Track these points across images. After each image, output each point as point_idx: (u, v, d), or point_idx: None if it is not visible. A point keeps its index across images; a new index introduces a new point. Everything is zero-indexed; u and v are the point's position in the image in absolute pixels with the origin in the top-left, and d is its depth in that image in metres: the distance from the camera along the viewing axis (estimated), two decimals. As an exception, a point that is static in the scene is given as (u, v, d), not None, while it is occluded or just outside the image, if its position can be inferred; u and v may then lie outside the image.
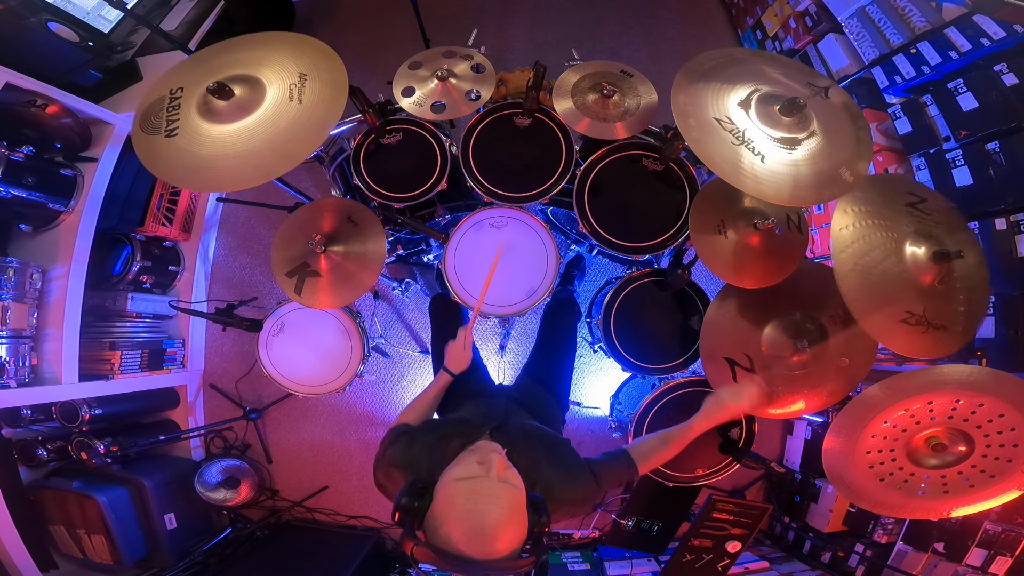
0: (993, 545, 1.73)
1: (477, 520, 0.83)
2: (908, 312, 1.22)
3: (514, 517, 0.87)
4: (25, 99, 1.95)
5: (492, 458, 0.92)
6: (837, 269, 1.21)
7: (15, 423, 2.11)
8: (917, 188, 1.37)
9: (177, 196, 2.54)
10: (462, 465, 0.93)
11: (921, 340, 1.23)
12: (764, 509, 1.78)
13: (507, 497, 0.87)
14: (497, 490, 0.87)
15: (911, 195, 1.34)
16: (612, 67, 1.67)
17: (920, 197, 1.33)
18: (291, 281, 1.58)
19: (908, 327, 1.22)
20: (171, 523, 2.24)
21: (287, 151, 1.20)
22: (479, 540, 0.83)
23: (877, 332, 1.23)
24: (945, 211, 1.35)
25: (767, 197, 1.16)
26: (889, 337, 1.22)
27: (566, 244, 2.10)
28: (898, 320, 1.22)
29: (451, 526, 0.84)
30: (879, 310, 1.22)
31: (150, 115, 1.28)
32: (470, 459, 0.93)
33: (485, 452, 0.95)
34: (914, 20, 1.96)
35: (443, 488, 0.89)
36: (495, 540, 0.83)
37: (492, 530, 0.83)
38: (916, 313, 1.23)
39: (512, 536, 0.86)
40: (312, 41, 1.35)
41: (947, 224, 1.32)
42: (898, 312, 1.22)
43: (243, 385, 2.65)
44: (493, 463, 0.91)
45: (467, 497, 0.86)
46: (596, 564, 2.22)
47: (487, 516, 0.84)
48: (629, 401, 2.11)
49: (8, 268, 1.90)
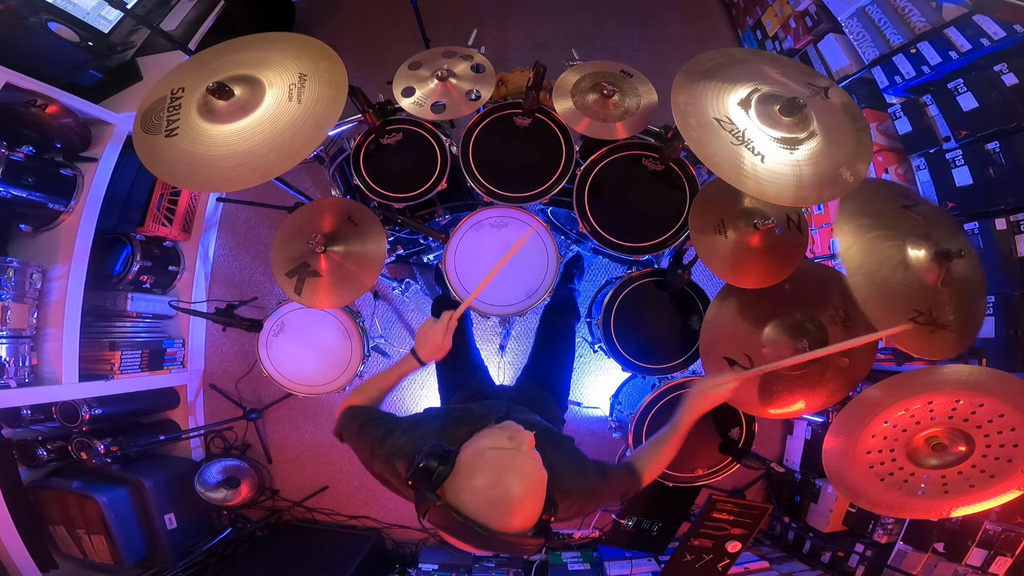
0: (993, 545, 1.73)
1: (502, 490, 0.83)
2: (916, 311, 1.22)
3: (535, 494, 0.87)
4: (25, 99, 1.95)
5: (523, 435, 0.92)
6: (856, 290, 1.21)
7: (15, 423, 2.11)
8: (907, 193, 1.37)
9: (177, 196, 2.54)
10: (492, 437, 0.92)
11: (929, 340, 1.24)
12: (764, 509, 1.78)
13: (534, 473, 0.88)
14: (525, 464, 0.87)
15: (904, 198, 1.34)
16: (612, 67, 1.67)
17: (913, 201, 1.34)
18: (291, 281, 1.58)
19: (917, 325, 1.22)
20: (171, 523, 2.24)
21: (287, 151, 1.20)
22: (500, 510, 0.82)
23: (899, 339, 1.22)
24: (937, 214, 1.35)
25: (768, 197, 1.16)
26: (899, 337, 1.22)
27: (566, 244, 2.10)
28: (907, 319, 1.22)
29: (474, 492, 0.84)
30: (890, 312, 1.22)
31: (151, 115, 1.28)
32: (500, 433, 0.93)
33: (515, 429, 0.94)
34: (914, 20, 1.96)
35: (471, 455, 0.88)
36: (514, 513, 0.83)
37: (515, 502, 0.83)
38: (923, 312, 1.22)
39: (529, 513, 0.86)
40: (312, 41, 1.35)
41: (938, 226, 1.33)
42: (906, 311, 1.22)
43: (243, 385, 2.65)
44: (524, 439, 0.91)
45: (496, 466, 0.85)
46: (596, 564, 2.22)
47: (513, 487, 0.83)
48: (629, 401, 2.11)
49: (8, 268, 1.90)
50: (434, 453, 0.87)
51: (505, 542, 0.83)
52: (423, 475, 0.86)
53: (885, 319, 1.20)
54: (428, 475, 0.85)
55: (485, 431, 0.97)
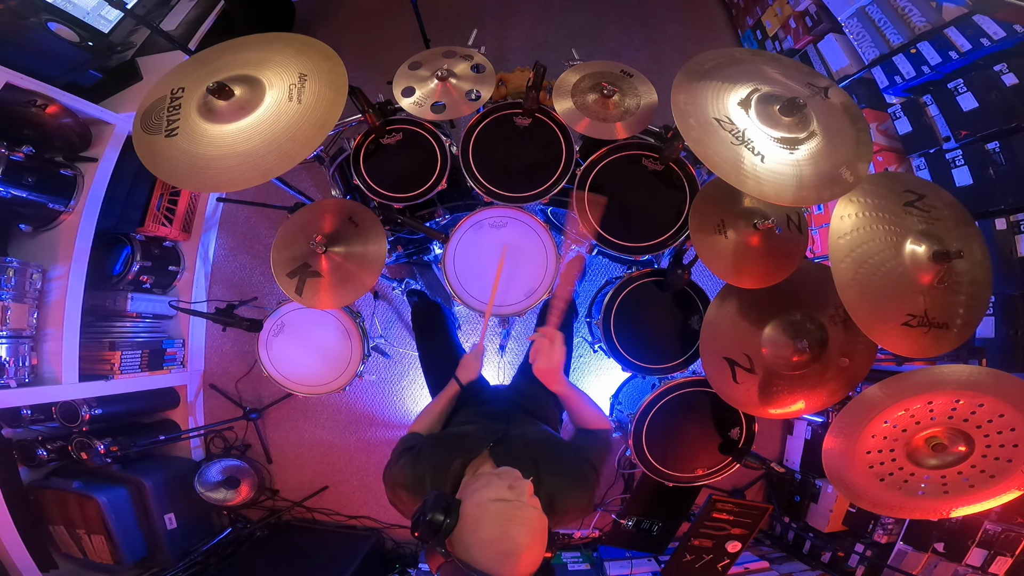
0: (993, 545, 1.73)
1: (510, 542, 0.86)
2: (910, 315, 1.23)
3: (540, 541, 0.90)
4: (25, 99, 1.95)
5: (522, 484, 0.94)
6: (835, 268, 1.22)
7: (15, 423, 2.11)
8: (915, 184, 1.37)
9: (177, 196, 2.54)
10: (493, 488, 0.94)
11: (923, 340, 1.24)
12: (764, 509, 1.78)
13: (537, 522, 0.91)
14: (529, 515, 0.90)
15: (910, 193, 1.34)
16: (612, 67, 1.67)
17: (918, 194, 1.33)
18: (292, 281, 1.58)
19: (910, 329, 1.22)
20: (171, 523, 2.24)
21: (287, 151, 1.20)
22: (509, 561, 0.85)
23: (881, 339, 1.23)
24: (947, 206, 1.34)
25: (768, 197, 1.16)
26: (892, 341, 1.23)
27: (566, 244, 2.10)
28: (900, 324, 1.22)
29: (483, 546, 0.86)
30: (882, 317, 1.23)
31: (151, 115, 1.28)
32: (500, 483, 0.94)
33: (514, 478, 0.97)
34: (914, 20, 1.96)
35: (474, 508, 0.90)
36: (521, 562, 0.86)
37: (522, 552, 0.86)
38: (918, 315, 1.23)
39: (535, 557, 0.89)
40: (312, 41, 1.35)
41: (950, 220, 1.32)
42: (900, 316, 1.23)
43: (243, 385, 2.65)
44: (524, 489, 0.93)
45: (501, 520, 0.88)
46: (596, 564, 2.22)
47: (519, 538, 0.86)
48: (629, 401, 2.11)
49: (8, 268, 1.89)
50: (438, 506, 0.89)
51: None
52: (430, 529, 0.88)
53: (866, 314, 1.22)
54: (435, 529, 0.87)
55: (484, 479, 0.98)
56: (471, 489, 0.95)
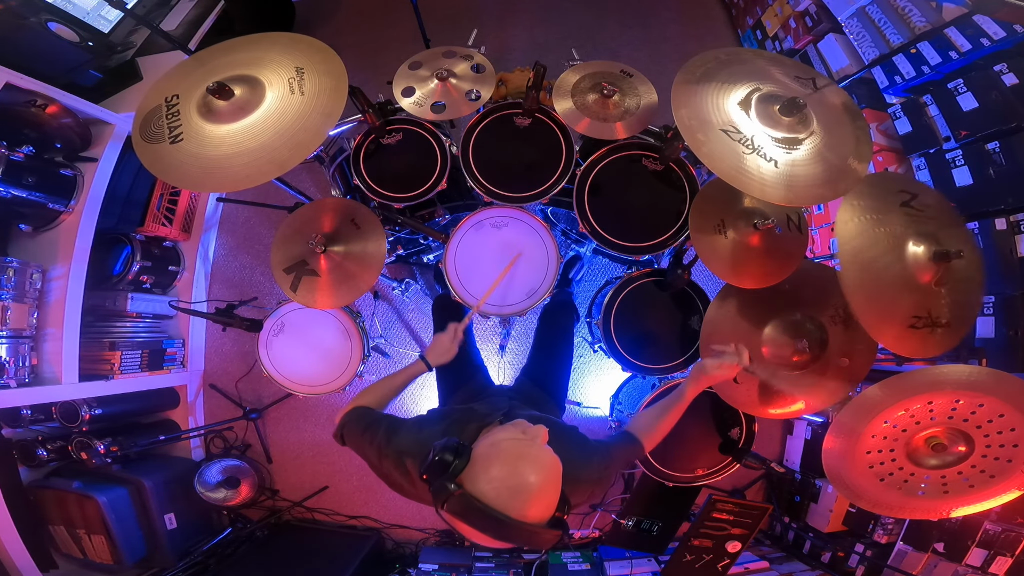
0: (993, 545, 1.73)
1: (520, 478, 0.84)
2: (915, 316, 1.23)
3: (552, 485, 0.87)
4: (25, 99, 1.95)
5: (536, 428, 0.93)
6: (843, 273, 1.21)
7: (15, 423, 2.11)
8: (908, 184, 1.37)
9: (177, 196, 2.54)
10: (507, 430, 0.93)
11: (928, 341, 1.24)
12: (764, 509, 1.78)
13: (550, 462, 0.88)
14: (542, 454, 0.88)
15: (904, 192, 1.34)
16: (612, 67, 1.67)
17: (912, 193, 1.33)
18: (288, 277, 1.58)
19: (915, 331, 1.23)
20: (171, 523, 2.24)
21: (299, 141, 1.22)
22: (518, 498, 0.83)
23: (890, 342, 1.23)
24: (937, 206, 1.35)
25: (768, 198, 1.16)
26: (900, 343, 1.23)
27: (566, 244, 2.10)
28: (907, 326, 1.22)
29: (492, 481, 0.84)
30: (889, 320, 1.23)
31: (149, 124, 1.29)
32: (513, 428, 0.93)
33: (526, 425, 0.95)
34: (914, 20, 1.96)
35: (487, 446, 0.89)
36: (532, 502, 0.84)
37: (533, 490, 0.84)
38: (922, 316, 1.23)
39: (546, 504, 0.86)
40: (300, 37, 1.36)
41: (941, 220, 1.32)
42: (906, 318, 1.23)
43: (243, 385, 2.65)
44: (538, 432, 0.91)
45: (513, 455, 0.86)
46: (596, 564, 2.22)
47: (530, 476, 0.84)
48: (629, 401, 2.11)
49: (8, 268, 1.90)
50: (449, 447, 0.88)
51: (522, 532, 0.83)
52: (439, 467, 0.86)
53: (872, 318, 1.21)
54: (444, 467, 0.86)
55: (496, 428, 0.98)
56: (483, 435, 0.95)
